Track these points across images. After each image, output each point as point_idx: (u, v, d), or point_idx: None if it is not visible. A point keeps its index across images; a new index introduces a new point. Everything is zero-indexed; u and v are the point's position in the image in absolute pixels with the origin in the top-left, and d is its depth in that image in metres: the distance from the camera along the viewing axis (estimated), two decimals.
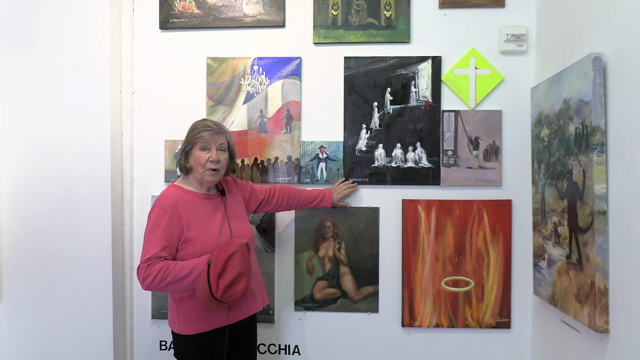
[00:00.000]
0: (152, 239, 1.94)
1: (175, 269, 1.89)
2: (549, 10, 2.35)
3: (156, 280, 1.87)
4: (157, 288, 1.90)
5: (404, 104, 2.57)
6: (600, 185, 1.72)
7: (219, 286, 1.85)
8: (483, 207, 2.53)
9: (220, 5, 2.64)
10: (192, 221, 2.00)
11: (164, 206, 1.97)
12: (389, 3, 2.57)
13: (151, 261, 1.90)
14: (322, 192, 2.49)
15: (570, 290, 1.94)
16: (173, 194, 2.03)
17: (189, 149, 2.05)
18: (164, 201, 1.99)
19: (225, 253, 1.89)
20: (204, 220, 2.03)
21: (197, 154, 2.02)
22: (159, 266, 1.88)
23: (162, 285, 1.89)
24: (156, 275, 1.87)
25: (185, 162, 2.06)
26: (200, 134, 2.02)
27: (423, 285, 2.56)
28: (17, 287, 2.59)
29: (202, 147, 2.03)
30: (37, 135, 2.55)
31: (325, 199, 2.48)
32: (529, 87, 2.47)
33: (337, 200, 2.51)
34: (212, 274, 1.86)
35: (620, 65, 1.66)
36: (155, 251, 1.91)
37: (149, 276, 1.88)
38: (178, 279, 1.88)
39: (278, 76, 2.61)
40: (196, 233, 1.99)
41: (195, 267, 1.90)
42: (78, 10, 2.54)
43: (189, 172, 2.08)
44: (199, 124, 2.07)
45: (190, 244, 1.98)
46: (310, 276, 2.61)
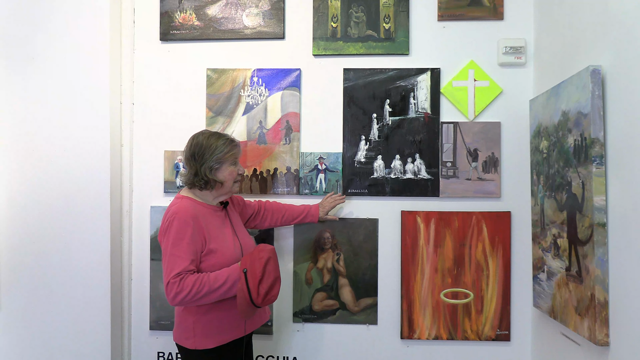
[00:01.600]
0: (178, 253, 1.90)
1: (209, 280, 1.89)
2: (547, 23, 2.37)
3: (191, 293, 1.85)
4: (191, 301, 1.88)
5: (403, 115, 2.58)
6: (600, 197, 1.72)
7: (260, 292, 1.91)
8: (482, 219, 2.53)
9: (220, 17, 2.66)
10: (212, 233, 2.00)
11: (185, 219, 1.93)
12: (388, 15, 2.59)
13: (182, 275, 1.87)
14: (307, 208, 2.48)
15: (570, 303, 1.94)
16: (189, 206, 1.99)
17: (218, 166, 2.03)
18: (184, 214, 1.94)
19: (260, 260, 1.94)
20: (219, 232, 2.05)
21: (230, 169, 2.06)
22: (192, 279, 1.87)
23: (197, 297, 1.87)
24: (191, 288, 1.85)
25: (213, 177, 2.03)
26: (232, 150, 2.06)
27: (422, 297, 2.55)
28: (15, 298, 2.57)
29: (232, 162, 2.07)
30: (36, 146, 2.55)
31: (311, 214, 2.48)
32: (527, 99, 2.48)
33: (323, 214, 2.49)
34: (251, 280, 1.90)
35: (619, 77, 1.67)
36: (185, 265, 1.88)
37: (182, 290, 1.85)
38: (213, 290, 1.89)
39: (277, 87, 2.62)
40: (217, 245, 1.99)
41: (230, 276, 1.92)
42: (78, 22, 2.55)
43: (213, 187, 2.06)
44: (220, 140, 2.05)
45: (213, 256, 1.97)
46: (309, 287, 2.60)
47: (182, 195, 2.07)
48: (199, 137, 2.07)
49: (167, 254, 1.91)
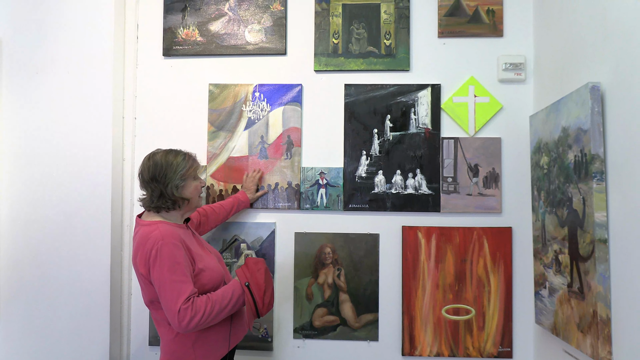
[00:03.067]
0: (180, 278, 1.82)
1: (217, 298, 1.87)
2: (546, 40, 2.39)
3: (205, 314, 1.81)
4: (204, 323, 1.82)
5: (404, 131, 2.59)
6: (601, 213, 1.72)
7: (265, 302, 1.96)
8: (483, 234, 2.52)
9: (223, 33, 2.69)
10: (196, 252, 1.97)
11: (174, 242, 1.86)
12: (388, 32, 2.61)
13: (191, 299, 1.81)
14: (236, 198, 2.52)
15: (572, 320, 1.92)
16: (170, 229, 1.91)
17: (182, 183, 1.99)
18: (171, 238, 1.86)
19: (259, 272, 1.98)
20: (200, 250, 2.03)
21: (194, 184, 2.03)
22: (202, 301, 1.83)
23: (210, 318, 1.83)
24: (204, 310, 1.81)
25: (180, 196, 1.98)
26: (193, 164, 2.03)
27: (423, 313, 2.53)
28: (15, 311, 2.57)
29: (195, 176, 2.05)
30: (39, 159, 2.57)
31: (242, 201, 2.53)
32: (527, 115, 2.49)
33: (252, 195, 2.57)
34: (256, 293, 1.94)
35: (618, 94, 1.68)
36: (190, 288, 1.82)
37: (197, 313, 1.79)
38: (223, 308, 1.87)
39: (279, 103, 2.64)
40: (204, 264, 1.97)
41: (234, 291, 1.93)
42: (82, 36, 2.58)
43: (181, 206, 2.01)
44: (178, 157, 2.00)
45: (203, 275, 1.93)
46: (309, 303, 2.59)
47: (153, 220, 1.97)
48: (155, 157, 2.00)
49: (166, 281, 1.81)
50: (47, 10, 2.59)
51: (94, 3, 2.58)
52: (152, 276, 1.84)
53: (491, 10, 2.58)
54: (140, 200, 2.03)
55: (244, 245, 2.61)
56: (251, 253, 2.60)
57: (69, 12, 2.58)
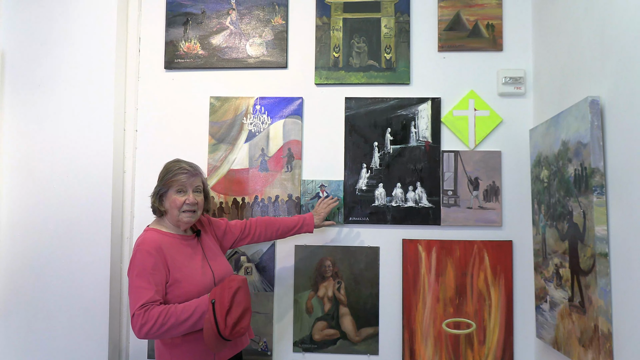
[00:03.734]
0: (142, 284, 1.85)
1: (176, 312, 1.83)
2: (545, 54, 2.40)
3: (156, 325, 1.79)
4: (156, 334, 1.81)
5: (404, 144, 2.59)
6: (601, 227, 1.72)
7: (227, 323, 1.84)
8: (484, 248, 2.52)
9: (224, 47, 2.71)
10: (177, 263, 1.96)
11: (148, 250, 1.90)
12: (389, 46, 2.63)
13: (147, 306, 1.81)
14: (302, 218, 2.41)
15: (573, 334, 1.91)
16: (153, 237, 1.97)
17: (164, 191, 2.01)
18: (146, 245, 1.92)
19: (229, 290, 1.88)
20: (187, 261, 2.00)
21: (173, 197, 2.00)
22: (157, 310, 1.81)
23: (163, 330, 1.80)
24: (156, 320, 1.79)
25: (160, 205, 2.02)
26: (176, 177, 2.00)
27: (424, 327, 2.52)
28: (13, 322, 2.55)
29: (178, 189, 2.00)
30: (40, 171, 2.57)
31: (307, 224, 2.40)
32: (527, 129, 2.50)
33: (319, 222, 2.44)
34: (218, 312, 1.83)
35: (617, 108, 1.69)
36: (150, 295, 1.83)
37: (147, 322, 1.78)
38: (180, 322, 1.82)
39: (280, 116, 2.65)
40: (182, 275, 1.94)
41: (198, 307, 1.86)
42: (85, 49, 2.60)
43: (164, 215, 2.06)
44: (173, 166, 2.04)
45: (177, 286, 1.92)
46: (309, 316, 2.58)
47: (149, 227, 2.06)
48: (166, 163, 2.11)
49: (132, 286, 1.87)
50: (50, 24, 2.61)
51: (96, 16, 2.61)
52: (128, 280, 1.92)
53: (491, 24, 2.60)
54: None
55: (243, 257, 2.61)
56: (251, 266, 2.60)
57: (71, 25, 2.61)
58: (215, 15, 2.72)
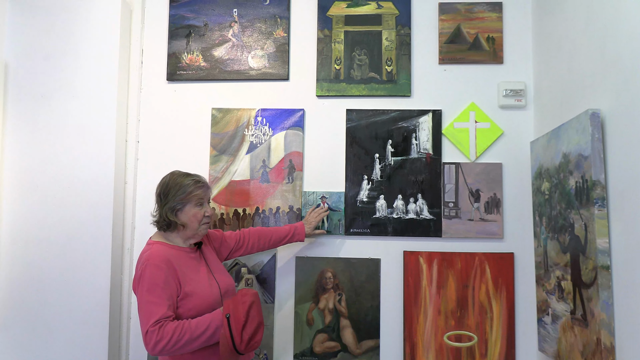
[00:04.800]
0: (154, 300, 1.82)
1: (190, 327, 1.81)
2: (546, 67, 2.41)
3: (171, 341, 1.77)
4: (171, 351, 1.79)
5: (405, 155, 2.60)
6: (603, 240, 1.71)
7: (243, 338, 1.83)
8: (485, 260, 2.51)
9: (226, 59, 2.72)
10: (186, 276, 1.94)
11: (158, 264, 1.87)
12: (390, 58, 2.65)
13: (161, 322, 1.78)
14: (293, 227, 2.44)
15: (575, 347, 1.90)
16: (162, 250, 1.94)
17: (180, 207, 1.98)
18: (156, 259, 1.89)
19: (244, 304, 1.88)
20: (195, 275, 1.99)
21: (193, 211, 1.99)
22: (172, 326, 1.79)
23: (178, 346, 1.79)
24: (171, 336, 1.77)
25: (177, 219, 1.98)
26: (196, 191, 2.00)
27: (425, 340, 2.50)
28: (13, 334, 2.54)
29: (197, 203, 2.01)
30: (41, 181, 2.57)
31: (298, 233, 2.43)
32: (528, 141, 2.51)
33: (310, 230, 2.47)
34: (234, 326, 1.83)
35: (618, 120, 1.69)
36: (163, 311, 1.80)
37: (162, 339, 1.76)
38: (194, 338, 1.81)
39: (281, 127, 2.66)
40: (192, 288, 1.93)
41: (212, 322, 1.85)
42: (88, 61, 2.62)
43: (175, 229, 2.01)
44: (185, 180, 2.01)
45: (189, 300, 1.91)
46: (310, 328, 2.56)
47: (153, 240, 2.01)
48: (167, 177, 2.04)
49: (142, 301, 1.84)
50: (53, 36, 2.63)
51: (99, 28, 2.63)
52: (136, 295, 1.89)
53: (491, 37, 2.61)
54: (152, 215, 2.08)
55: (244, 269, 2.60)
56: (252, 277, 2.59)
57: (74, 38, 2.62)
58: (217, 27, 2.74)
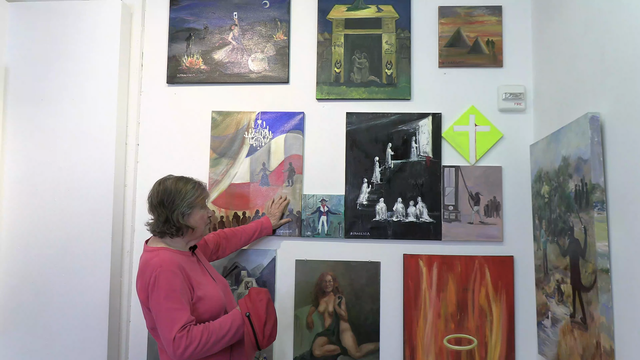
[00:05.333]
0: (176, 306, 1.82)
1: (215, 328, 1.84)
2: (545, 71, 2.42)
3: (201, 344, 1.79)
4: (200, 353, 1.80)
5: (405, 159, 2.60)
6: (602, 243, 1.72)
7: (265, 334, 1.92)
8: (485, 263, 2.51)
9: (226, 62, 2.73)
10: (195, 280, 1.96)
11: (172, 270, 1.86)
12: (390, 62, 2.65)
13: (187, 327, 1.79)
14: (259, 223, 2.50)
15: (575, 351, 1.90)
16: (169, 256, 1.91)
17: (189, 211, 1.99)
18: (169, 265, 1.87)
19: (261, 302, 1.95)
20: (202, 278, 2.01)
21: (201, 213, 2.03)
22: (199, 330, 1.81)
23: (206, 348, 1.81)
24: (200, 339, 1.79)
25: (185, 224, 1.98)
26: (202, 194, 2.04)
27: (425, 343, 2.50)
28: (12, 337, 2.54)
29: (203, 206, 2.05)
30: (41, 185, 2.58)
31: (265, 227, 2.50)
32: (528, 144, 2.51)
33: (276, 221, 2.54)
34: (257, 324, 1.91)
35: (617, 124, 1.69)
36: (187, 316, 1.81)
37: (192, 342, 1.77)
38: (220, 338, 1.85)
39: (281, 130, 2.66)
40: (204, 291, 1.95)
41: (233, 322, 1.90)
42: (88, 64, 2.62)
43: (185, 234, 2.01)
44: (188, 185, 2.01)
45: (202, 303, 1.92)
46: (309, 332, 2.56)
47: (155, 247, 1.98)
48: (165, 183, 2.01)
49: (162, 309, 1.82)
50: (53, 39, 2.64)
51: (99, 32, 2.63)
52: (150, 303, 1.86)
53: (491, 41, 2.62)
54: (147, 224, 2.04)
55: (244, 272, 2.60)
56: (251, 280, 2.59)
57: (74, 41, 2.63)
58: (217, 30, 2.75)
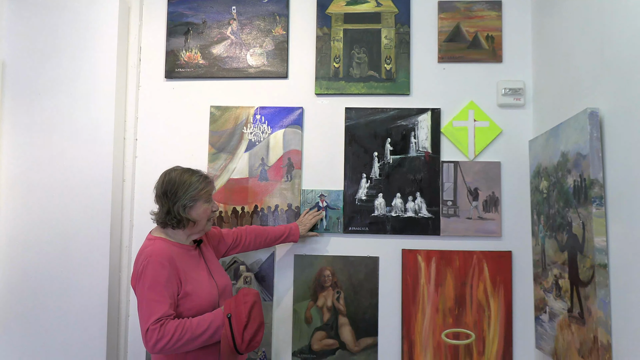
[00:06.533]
0: (156, 298, 1.80)
1: (191, 326, 1.81)
2: (545, 66, 2.42)
3: (172, 340, 1.76)
4: (171, 350, 1.79)
5: (404, 154, 2.60)
6: (600, 238, 1.72)
7: (244, 338, 1.84)
8: (483, 258, 2.52)
9: (225, 57, 2.72)
10: (187, 275, 1.94)
11: (161, 261, 1.86)
12: (389, 57, 2.65)
13: (162, 321, 1.77)
14: (288, 227, 2.46)
15: (572, 345, 1.91)
16: (164, 247, 1.92)
17: (191, 204, 1.97)
18: (159, 256, 1.87)
19: (245, 304, 1.88)
20: (195, 273, 1.99)
21: (204, 206, 2.00)
22: (173, 325, 1.78)
23: (178, 345, 1.78)
24: (172, 335, 1.76)
25: (188, 216, 1.97)
26: (206, 187, 2.01)
27: (423, 337, 2.51)
28: (10, 334, 2.54)
29: (207, 199, 2.02)
30: (39, 181, 2.57)
31: (292, 234, 2.46)
32: (527, 140, 2.51)
33: (304, 232, 2.50)
34: (235, 326, 1.83)
35: (616, 119, 1.69)
36: (164, 309, 1.79)
37: (163, 337, 1.75)
38: (195, 337, 1.81)
39: (280, 125, 2.66)
40: (192, 287, 1.93)
41: (212, 321, 1.85)
42: (85, 59, 2.61)
43: (186, 226, 1.99)
44: (193, 177, 2.00)
45: (189, 299, 1.90)
46: (308, 326, 2.57)
47: (155, 236, 2.00)
48: (171, 174, 2.01)
49: (143, 298, 1.82)
50: (51, 33, 2.62)
51: (97, 26, 2.62)
52: (135, 291, 1.88)
53: (490, 36, 2.61)
54: (152, 213, 2.05)
55: (242, 267, 2.60)
56: (250, 275, 2.59)
57: (72, 35, 2.62)
58: (216, 25, 2.74)
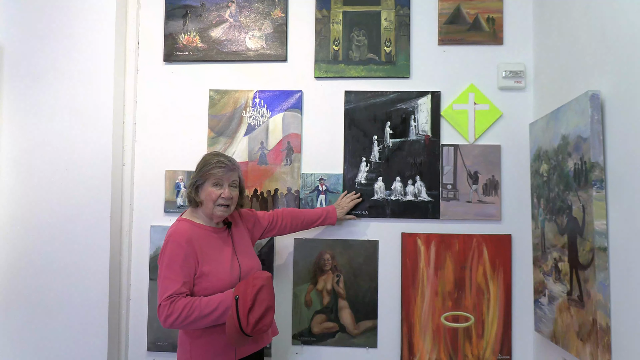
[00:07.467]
0: (170, 276, 1.90)
1: (200, 305, 1.87)
2: (546, 49, 2.40)
3: (181, 317, 1.84)
4: (180, 325, 1.87)
5: (404, 137, 2.59)
6: (600, 222, 1.72)
7: (249, 321, 1.87)
8: (483, 242, 2.52)
9: (223, 40, 2.69)
10: (206, 255, 1.98)
11: (179, 241, 1.94)
12: (389, 39, 2.62)
13: (173, 298, 1.87)
14: (325, 210, 2.47)
15: (571, 328, 1.92)
16: (185, 228, 2.00)
17: (200, 183, 2.04)
18: (178, 236, 1.96)
19: (253, 287, 1.91)
20: (217, 255, 2.03)
21: (209, 189, 2.02)
22: (183, 303, 1.86)
23: (187, 322, 1.86)
24: (181, 312, 1.84)
25: (196, 196, 2.04)
26: (213, 170, 2.02)
27: (422, 321, 2.52)
28: (11, 316, 2.56)
29: (214, 183, 2.02)
30: (38, 164, 2.57)
31: (330, 216, 2.46)
32: (527, 123, 2.50)
33: (342, 215, 2.50)
34: (241, 308, 1.87)
35: (618, 102, 1.68)
36: (177, 287, 1.88)
37: (172, 313, 1.85)
38: (203, 315, 1.87)
39: (279, 109, 2.64)
40: (210, 267, 1.97)
41: (222, 302, 1.89)
42: (84, 43, 2.59)
43: (199, 206, 2.06)
44: (211, 158, 2.06)
45: (205, 279, 1.95)
46: (308, 309, 2.58)
47: (182, 217, 2.09)
48: (205, 155, 2.14)
49: (161, 276, 1.93)
50: (49, 17, 2.60)
51: (95, 9, 2.59)
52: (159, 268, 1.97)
53: (491, 18, 2.59)
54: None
55: None
56: None
57: (70, 19, 2.59)
58: (214, 8, 2.71)
